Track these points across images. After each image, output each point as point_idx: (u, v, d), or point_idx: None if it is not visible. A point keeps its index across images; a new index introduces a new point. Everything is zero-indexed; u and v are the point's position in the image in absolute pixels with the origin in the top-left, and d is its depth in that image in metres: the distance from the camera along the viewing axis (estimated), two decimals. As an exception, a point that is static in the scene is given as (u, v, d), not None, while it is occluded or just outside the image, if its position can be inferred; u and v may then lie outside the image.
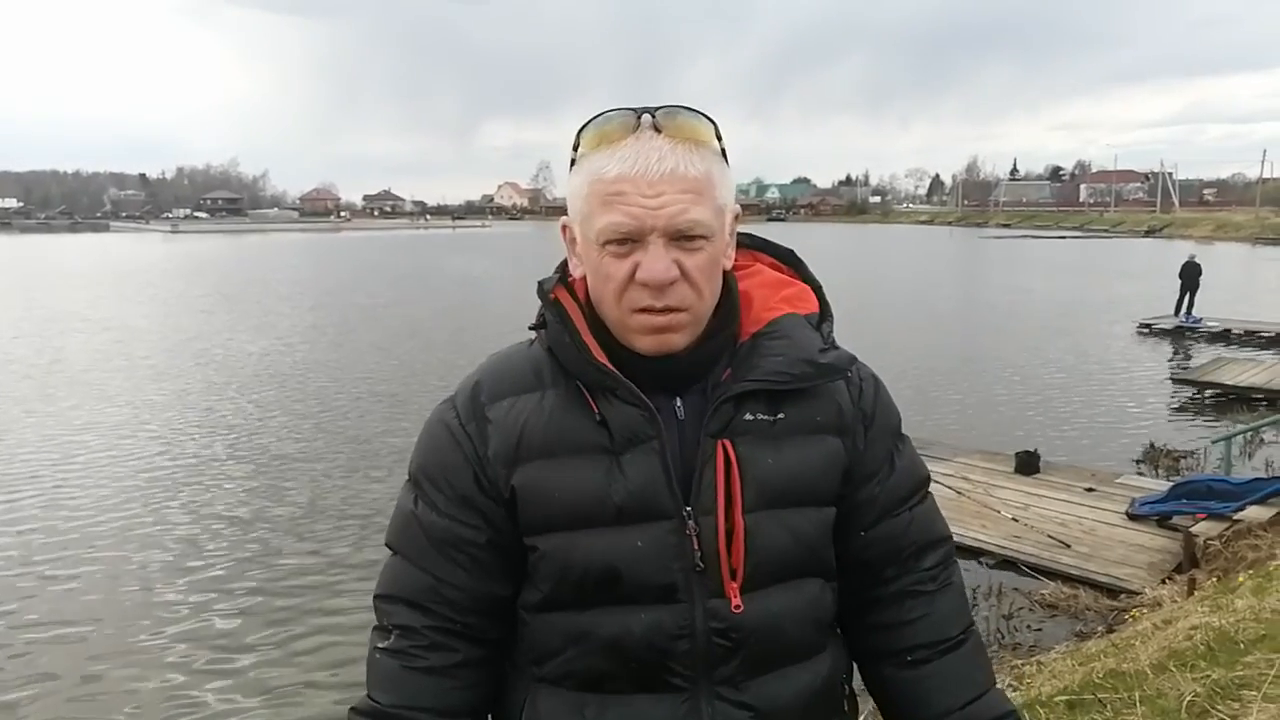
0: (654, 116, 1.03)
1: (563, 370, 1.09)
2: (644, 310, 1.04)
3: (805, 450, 1.11)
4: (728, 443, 1.07)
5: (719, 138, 1.06)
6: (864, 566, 1.18)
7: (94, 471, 9.93)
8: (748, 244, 1.20)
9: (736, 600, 1.06)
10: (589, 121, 1.05)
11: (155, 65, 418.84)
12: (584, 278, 1.10)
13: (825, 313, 1.16)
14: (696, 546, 1.05)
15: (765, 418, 1.09)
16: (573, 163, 1.07)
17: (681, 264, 1.02)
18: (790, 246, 1.21)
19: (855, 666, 1.24)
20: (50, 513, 8.62)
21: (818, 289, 1.18)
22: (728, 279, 1.12)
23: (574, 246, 1.10)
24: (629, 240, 1.02)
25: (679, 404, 1.09)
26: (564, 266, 1.15)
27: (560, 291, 1.12)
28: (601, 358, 1.07)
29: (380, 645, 1.13)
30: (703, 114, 1.05)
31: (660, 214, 1.00)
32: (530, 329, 1.15)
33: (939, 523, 1.23)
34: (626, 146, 1.02)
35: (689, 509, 1.06)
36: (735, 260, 1.14)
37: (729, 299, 1.12)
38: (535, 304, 1.13)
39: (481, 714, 1.16)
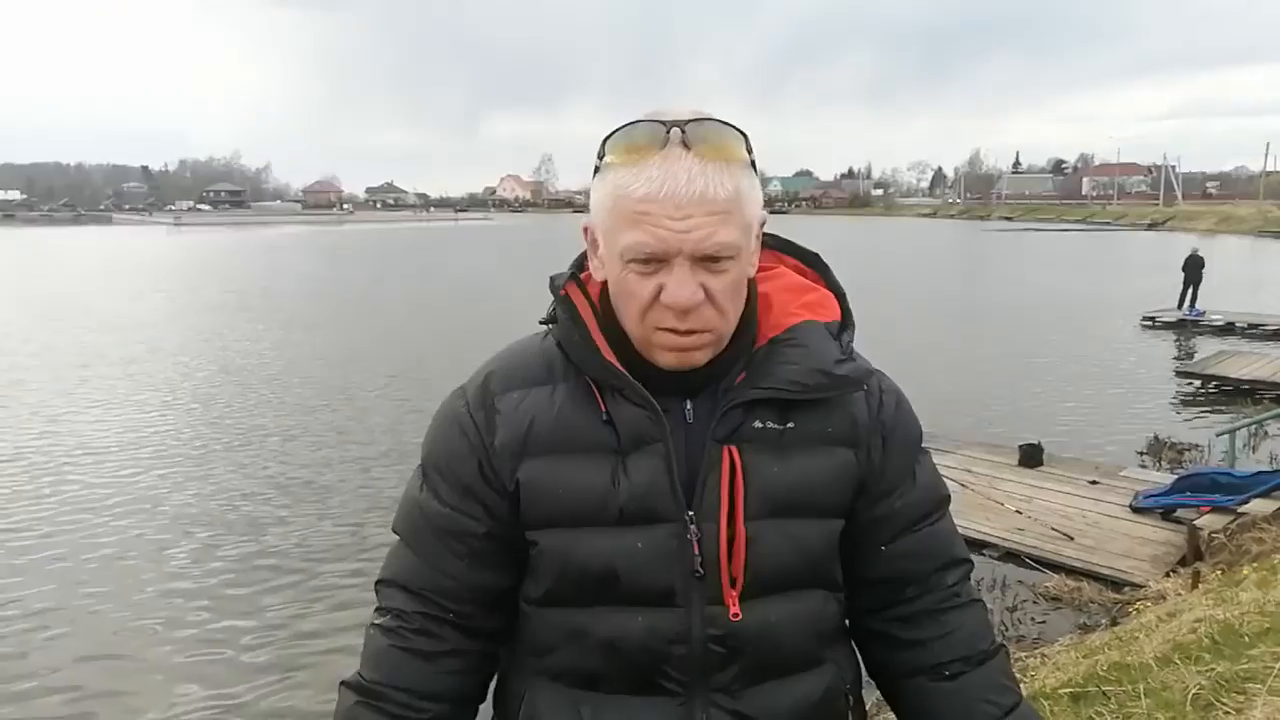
0: (683, 131, 0.98)
1: (573, 365, 1.09)
2: (667, 330, 1.03)
3: (813, 461, 1.09)
4: (734, 449, 1.06)
5: (749, 149, 1.02)
6: (887, 582, 1.18)
7: (103, 470, 9.95)
8: (771, 244, 1.17)
9: (735, 608, 1.06)
10: (615, 131, 1.02)
11: (158, 57, 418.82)
12: (603, 281, 1.09)
13: (846, 321, 1.14)
14: (697, 552, 1.05)
15: (774, 426, 1.08)
16: (597, 169, 1.04)
17: (707, 286, 1.00)
18: (816, 250, 1.18)
19: (866, 678, 1.22)
20: (65, 504, 8.64)
21: (841, 296, 1.16)
22: (749, 283, 1.10)
23: (595, 249, 1.08)
24: (654, 260, 1.00)
25: (689, 406, 1.08)
26: (578, 262, 1.15)
27: (572, 288, 1.12)
28: (610, 357, 1.06)
29: (375, 623, 1.15)
30: (733, 126, 1.01)
31: (688, 238, 0.98)
32: (541, 324, 1.15)
33: (959, 541, 1.23)
34: (654, 165, 0.98)
35: (691, 513, 1.05)
36: (758, 262, 1.12)
37: (748, 304, 1.10)
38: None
39: (469, 702, 1.16)
